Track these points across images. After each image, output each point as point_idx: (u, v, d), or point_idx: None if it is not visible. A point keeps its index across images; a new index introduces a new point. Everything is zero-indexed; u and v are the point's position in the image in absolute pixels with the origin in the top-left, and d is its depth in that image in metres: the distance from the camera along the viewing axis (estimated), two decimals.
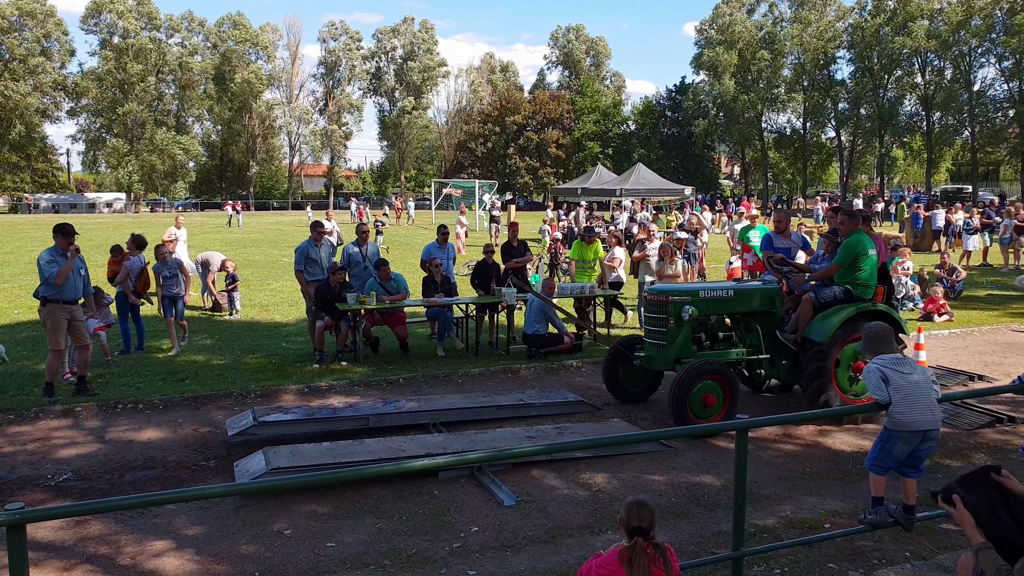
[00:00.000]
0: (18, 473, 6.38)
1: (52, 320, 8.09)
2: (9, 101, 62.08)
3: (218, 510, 5.61)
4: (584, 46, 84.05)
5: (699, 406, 7.20)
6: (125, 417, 7.90)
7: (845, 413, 7.54)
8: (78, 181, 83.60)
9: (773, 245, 9.13)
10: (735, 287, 8.08)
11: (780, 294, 7.99)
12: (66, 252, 8.12)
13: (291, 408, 7.72)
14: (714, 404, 7.24)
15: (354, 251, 10.96)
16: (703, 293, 7.82)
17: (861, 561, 4.82)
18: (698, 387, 7.19)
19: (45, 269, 8.00)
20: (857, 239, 7.39)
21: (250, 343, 11.29)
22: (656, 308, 7.80)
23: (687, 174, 64.60)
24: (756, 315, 7.99)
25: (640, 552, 3.13)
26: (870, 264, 7.44)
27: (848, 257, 7.40)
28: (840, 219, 7.75)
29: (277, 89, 77.85)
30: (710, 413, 7.24)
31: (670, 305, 7.64)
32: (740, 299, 7.92)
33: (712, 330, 8.04)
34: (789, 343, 7.66)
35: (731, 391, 7.33)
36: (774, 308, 7.94)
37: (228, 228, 40.68)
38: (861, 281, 7.44)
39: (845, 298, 7.48)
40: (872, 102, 57.50)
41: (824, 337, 7.31)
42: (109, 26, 68.69)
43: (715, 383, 7.27)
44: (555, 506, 5.71)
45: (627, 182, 35.36)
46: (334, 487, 5.92)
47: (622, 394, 8.41)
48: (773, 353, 7.89)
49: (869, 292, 7.51)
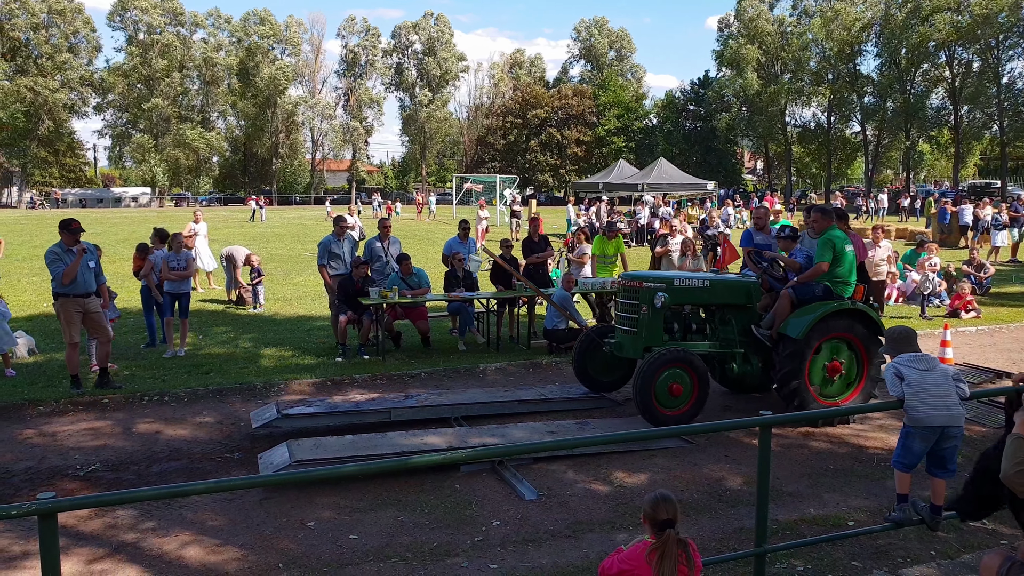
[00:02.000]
0: (48, 463, 6.50)
1: (64, 314, 8.20)
2: (38, 97, 63.09)
3: (242, 501, 5.68)
4: (607, 40, 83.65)
5: (665, 395, 7.02)
6: (151, 409, 8.01)
7: (865, 411, 7.45)
8: (104, 176, 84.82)
9: (753, 241, 8.88)
10: (711, 277, 7.87)
11: (757, 288, 7.79)
12: (72, 248, 8.18)
13: (314, 401, 7.79)
14: (681, 394, 7.05)
15: (376, 246, 11.01)
16: (677, 281, 7.62)
17: (886, 559, 4.78)
18: (664, 375, 7.00)
19: (51, 268, 8.12)
20: (832, 235, 7.22)
21: (273, 337, 11.40)
22: (629, 294, 7.62)
23: (710, 169, 64.17)
24: (732, 308, 7.79)
25: (672, 545, 3.13)
26: (848, 261, 7.26)
27: (827, 251, 7.20)
28: (813, 216, 7.62)
29: (300, 84, 78.43)
30: (676, 403, 7.07)
31: (643, 291, 7.45)
32: (716, 290, 7.71)
33: (685, 320, 7.86)
34: (764, 339, 7.46)
35: (700, 382, 7.12)
36: (750, 302, 7.74)
37: (251, 223, 41.05)
38: (840, 278, 7.26)
39: (824, 295, 7.28)
40: (899, 95, 56.65)
41: (799, 334, 7.09)
42: (135, 22, 69.58)
43: (683, 372, 7.07)
44: (576, 501, 5.72)
45: (649, 177, 35.14)
46: (356, 480, 5.97)
47: (592, 383, 8.19)
48: (747, 348, 7.68)
49: (848, 290, 7.31)
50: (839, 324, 7.29)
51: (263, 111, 73.55)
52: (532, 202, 47.31)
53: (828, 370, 7.39)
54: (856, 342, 7.44)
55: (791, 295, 7.29)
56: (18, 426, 7.43)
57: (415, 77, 79.34)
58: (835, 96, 62.17)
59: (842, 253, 7.22)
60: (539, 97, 73.29)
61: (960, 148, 57.04)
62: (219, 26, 74.75)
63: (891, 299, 14.29)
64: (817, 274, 7.31)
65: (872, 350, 7.45)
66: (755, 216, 9.52)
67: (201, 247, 15.88)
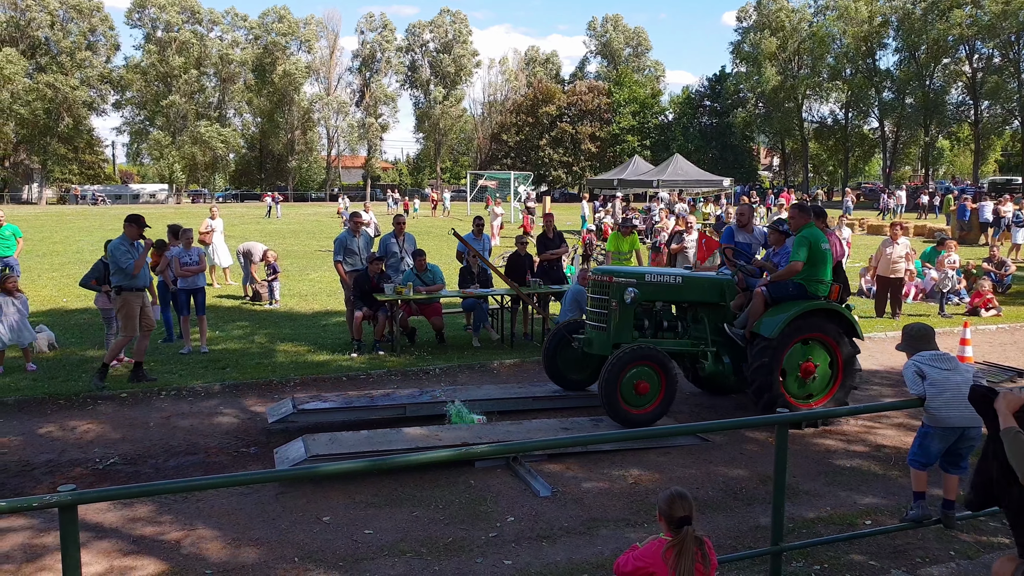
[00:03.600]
0: (68, 456, 6.58)
1: (128, 308, 8.37)
2: (58, 94, 63.76)
3: (258, 496, 5.72)
4: (622, 36, 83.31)
5: (631, 393, 6.88)
6: (168, 404, 8.09)
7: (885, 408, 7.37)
8: (123, 172, 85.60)
9: (734, 239, 8.68)
10: (684, 274, 7.74)
11: (731, 286, 7.62)
12: (136, 241, 8.43)
13: (329, 396, 7.82)
14: (647, 392, 6.91)
15: (391, 242, 11.04)
16: (649, 277, 7.46)
17: (904, 559, 4.74)
18: (631, 373, 6.85)
19: (122, 260, 8.26)
20: (809, 232, 7.06)
21: (289, 332, 11.47)
22: (599, 289, 7.47)
23: (726, 165, 63.80)
24: (705, 306, 7.64)
25: (690, 542, 3.12)
26: (824, 260, 7.07)
27: (802, 250, 7.04)
28: (790, 213, 7.47)
29: (315, 81, 78.72)
30: (643, 402, 6.93)
31: (613, 286, 7.29)
32: (688, 287, 7.56)
33: (657, 317, 7.69)
34: (737, 338, 7.29)
35: (668, 380, 6.97)
36: (724, 300, 7.58)
37: (267, 219, 41.29)
38: (816, 277, 7.07)
39: (798, 294, 7.09)
40: (918, 91, 56.03)
41: (772, 333, 6.89)
42: (153, 20, 70.11)
43: (650, 370, 6.92)
44: (591, 498, 5.71)
45: (664, 173, 34.98)
46: (371, 475, 5.99)
47: (563, 381, 8.01)
48: (720, 347, 7.51)
49: (824, 289, 7.13)
50: (814, 324, 7.09)
51: (279, 108, 73.89)
52: (546, 199, 47.25)
53: (802, 371, 7.18)
54: (831, 343, 7.23)
55: (765, 294, 7.10)
56: (38, 420, 7.52)
57: (429, 74, 79.40)
58: (853, 91, 61.56)
59: (818, 252, 7.01)
60: (552, 93, 73.12)
61: (980, 144, 56.37)
62: (236, 24, 75.15)
63: (909, 297, 14.15)
64: (791, 273, 7.18)
65: (847, 351, 7.27)
66: (737, 214, 9.26)
67: (218, 243, 15.99)
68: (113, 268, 8.41)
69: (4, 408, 7.78)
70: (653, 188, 33.48)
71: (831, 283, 7.22)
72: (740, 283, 7.67)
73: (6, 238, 13.52)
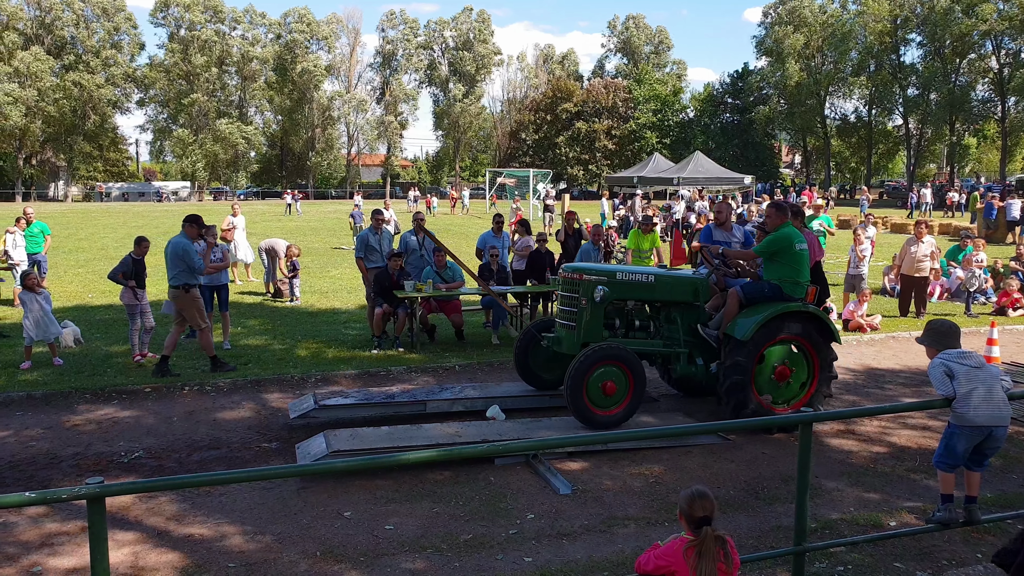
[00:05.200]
0: (93, 450, 6.67)
1: (196, 303, 8.82)
2: (84, 92, 64.65)
3: (280, 490, 5.76)
4: (644, 35, 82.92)
5: (598, 394, 6.74)
6: (191, 399, 8.17)
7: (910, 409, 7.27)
8: (146, 170, 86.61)
9: (712, 238, 8.52)
10: (657, 273, 7.56)
11: (705, 285, 7.45)
12: (196, 240, 8.90)
13: (350, 392, 7.87)
14: (615, 393, 6.77)
15: (411, 239, 11.08)
16: (620, 275, 7.30)
17: (929, 561, 4.67)
18: (597, 373, 6.71)
19: (196, 260, 8.77)
20: (784, 233, 6.90)
21: (310, 329, 11.54)
22: (569, 287, 7.33)
23: (747, 162, 63.25)
24: (678, 306, 7.47)
25: (710, 542, 3.10)
26: (800, 260, 6.90)
27: (770, 249, 6.91)
28: (767, 212, 7.31)
29: (336, 79, 79.12)
30: (610, 403, 6.79)
31: (583, 284, 7.15)
32: (661, 286, 7.38)
33: (628, 317, 7.52)
34: (711, 339, 7.12)
35: (635, 381, 6.83)
36: (698, 300, 7.41)
37: (287, 216, 41.59)
38: (791, 279, 6.89)
39: (774, 295, 6.91)
40: (943, 87, 55.20)
41: (745, 335, 6.70)
42: (176, 19, 70.86)
43: (618, 370, 6.77)
44: (611, 496, 5.69)
45: (685, 170, 34.80)
46: (392, 471, 6.01)
47: (534, 380, 7.87)
48: (693, 348, 7.33)
49: (800, 291, 6.94)
50: (789, 326, 6.91)
51: (299, 106, 74.37)
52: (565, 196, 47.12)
53: (776, 374, 7.01)
54: (807, 345, 7.07)
55: (739, 294, 6.94)
56: (65, 413, 7.64)
57: (448, 72, 79.50)
58: (877, 88, 60.79)
59: (791, 252, 6.84)
60: (570, 90, 72.91)
61: (1007, 141, 55.44)
62: (256, 22, 75.71)
63: (934, 296, 13.97)
64: (748, 257, 7.13)
65: (823, 354, 7.10)
66: (716, 211, 9.05)
67: (239, 240, 16.12)
68: (180, 266, 8.72)
69: (32, 401, 7.91)
70: (673, 186, 33.30)
71: (808, 284, 7.04)
72: (719, 283, 7.50)
73: (35, 235, 13.75)
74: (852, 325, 11.59)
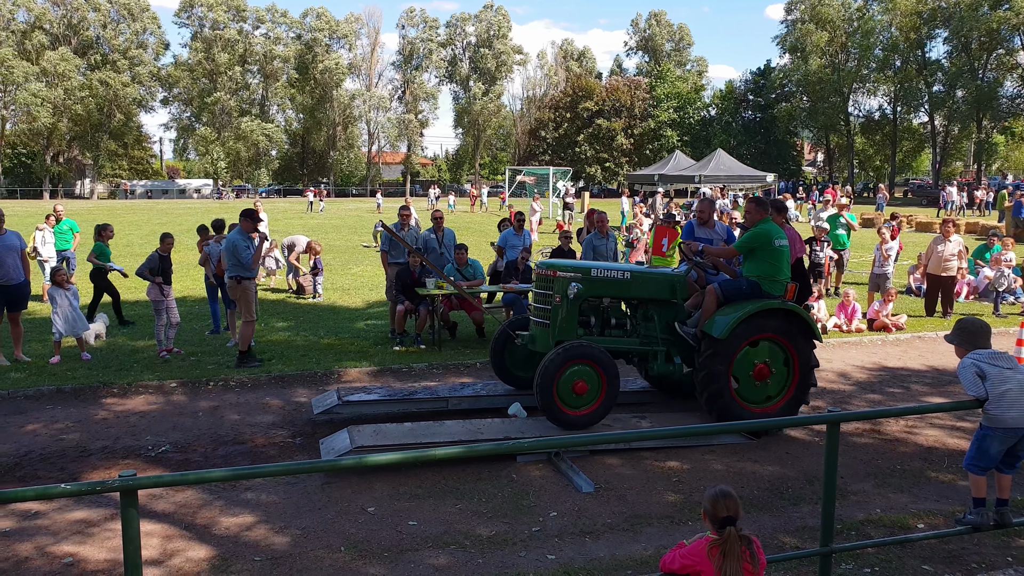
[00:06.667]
0: (122, 443, 6.77)
1: (247, 295, 9.07)
2: (110, 91, 65.55)
3: (304, 485, 5.81)
4: (665, 32, 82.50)
5: (568, 393, 6.57)
6: (216, 394, 8.26)
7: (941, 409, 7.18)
8: (169, 168, 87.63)
9: (694, 235, 8.35)
10: (633, 269, 7.40)
11: (683, 282, 7.27)
12: (251, 234, 9.05)
13: (373, 388, 7.90)
14: (586, 392, 6.61)
15: (430, 237, 11.11)
16: (595, 272, 7.14)
17: (958, 564, 4.61)
18: (568, 372, 6.55)
19: (243, 253, 8.95)
20: (763, 229, 6.77)
21: (332, 325, 11.62)
22: (543, 284, 7.20)
23: (769, 160, 62.74)
24: (655, 303, 7.28)
25: (734, 542, 3.09)
26: (779, 257, 6.74)
27: (749, 245, 6.78)
28: (746, 208, 7.16)
29: (356, 77, 79.52)
30: (582, 403, 6.62)
31: (557, 281, 7.01)
32: (636, 283, 7.21)
33: (604, 314, 7.35)
34: (688, 337, 6.97)
35: (608, 380, 6.65)
36: (675, 297, 7.23)
37: (308, 213, 41.89)
38: (769, 275, 6.73)
39: (752, 292, 6.76)
40: (970, 83, 54.32)
41: (722, 333, 6.53)
42: (200, 19, 71.61)
43: (590, 369, 6.61)
44: (634, 495, 5.68)
45: (706, 168, 34.59)
46: (415, 467, 6.04)
47: (510, 379, 7.73)
48: (670, 347, 7.17)
49: (779, 288, 6.79)
50: (768, 324, 6.74)
51: (320, 104, 74.85)
52: (585, 194, 47.03)
53: (755, 373, 6.83)
54: (787, 344, 6.90)
55: (717, 291, 6.79)
56: (94, 407, 7.76)
57: (469, 70, 79.58)
58: (901, 84, 59.97)
59: (769, 248, 6.70)
60: (590, 88, 72.67)
61: None
62: (277, 21, 76.27)
63: (961, 295, 13.77)
64: (727, 254, 7.04)
65: (804, 353, 6.94)
66: (698, 210, 8.86)
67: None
68: (231, 260, 9.00)
69: (62, 395, 8.04)
70: (695, 184, 33.09)
71: (787, 281, 6.91)
72: (700, 280, 7.37)
73: (64, 232, 13.97)
74: (877, 325, 11.46)
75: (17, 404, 7.80)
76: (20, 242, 9.34)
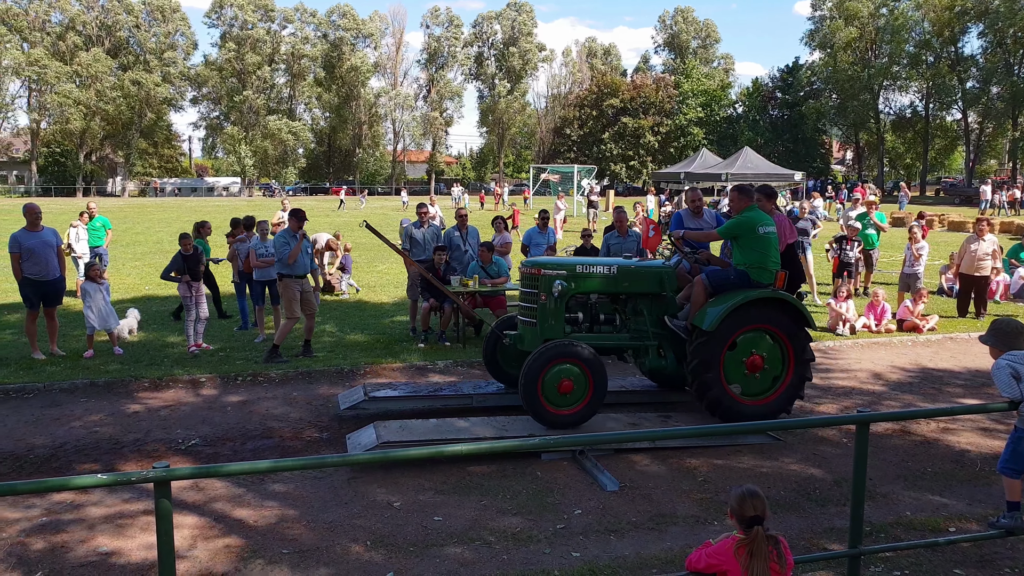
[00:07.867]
0: (153, 436, 6.89)
1: (288, 293, 9.26)
2: (141, 91, 66.67)
3: (331, 480, 5.87)
4: (692, 29, 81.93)
5: (554, 393, 6.48)
6: (244, 389, 8.37)
7: (974, 411, 7.07)
8: (198, 166, 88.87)
9: (684, 225, 8.21)
10: (619, 264, 7.24)
11: (671, 275, 7.15)
12: (296, 233, 9.26)
13: (399, 385, 7.97)
14: (572, 392, 6.51)
15: (455, 235, 11.14)
16: (580, 268, 7.06)
17: (991, 568, 4.54)
18: (552, 371, 6.45)
19: (281, 250, 9.21)
20: (746, 216, 6.64)
21: (358, 322, 11.71)
22: (529, 282, 7.12)
23: (797, 158, 61.99)
24: (644, 297, 7.18)
25: (761, 542, 3.07)
26: (766, 244, 6.62)
27: (732, 232, 6.65)
28: (730, 196, 7.02)
29: (381, 76, 80.00)
30: (567, 402, 6.53)
31: (542, 279, 6.92)
32: (624, 278, 7.09)
33: (592, 311, 7.27)
34: (679, 330, 6.85)
35: (595, 379, 6.54)
36: (664, 290, 7.11)
37: (337, 212, 42.27)
38: (757, 264, 6.61)
39: (740, 282, 6.65)
40: (1005, 80, 53.18)
41: (711, 325, 6.42)
42: (230, 19, 72.54)
43: (574, 368, 6.50)
44: (659, 494, 5.66)
45: (733, 166, 34.27)
46: (440, 463, 6.08)
47: (503, 377, 7.65)
48: (662, 340, 7.06)
49: (768, 276, 6.67)
50: (759, 314, 6.64)
51: (346, 103, 75.42)
52: (610, 192, 46.86)
53: (747, 365, 6.71)
54: (779, 334, 6.78)
55: (705, 282, 6.68)
56: (126, 400, 7.91)
57: (495, 68, 79.66)
58: (934, 81, 58.87)
59: (753, 235, 6.58)
60: (616, 86, 72.33)
61: None
62: (305, 20, 76.99)
63: (995, 296, 13.51)
64: (708, 238, 6.99)
65: (798, 343, 6.80)
66: (689, 200, 8.78)
67: None
68: (277, 257, 9.31)
69: (96, 389, 8.21)
70: (721, 182, 32.82)
71: (776, 269, 6.78)
72: (692, 272, 7.23)
73: (97, 229, 14.24)
74: (907, 325, 11.29)
75: (53, 397, 7.98)
76: (56, 239, 9.53)
